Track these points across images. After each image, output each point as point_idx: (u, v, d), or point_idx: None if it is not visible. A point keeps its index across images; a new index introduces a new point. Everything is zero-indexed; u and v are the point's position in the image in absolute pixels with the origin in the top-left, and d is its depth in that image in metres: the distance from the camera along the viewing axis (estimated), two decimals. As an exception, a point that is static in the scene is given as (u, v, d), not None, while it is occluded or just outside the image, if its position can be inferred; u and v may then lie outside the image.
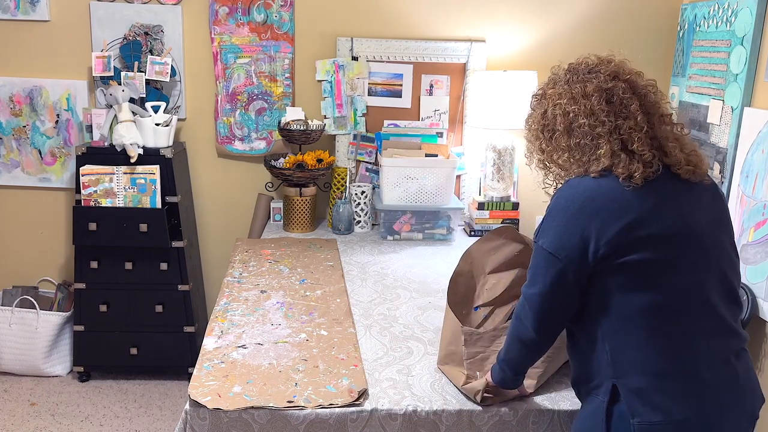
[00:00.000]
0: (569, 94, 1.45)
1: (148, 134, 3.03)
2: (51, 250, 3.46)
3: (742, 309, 1.49)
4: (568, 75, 1.51)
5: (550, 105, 1.48)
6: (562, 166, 1.47)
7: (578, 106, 1.43)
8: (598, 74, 1.47)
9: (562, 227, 1.40)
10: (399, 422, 1.62)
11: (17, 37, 3.21)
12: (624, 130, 1.41)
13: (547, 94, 1.51)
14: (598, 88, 1.44)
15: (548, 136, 1.49)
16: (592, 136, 1.42)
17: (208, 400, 1.60)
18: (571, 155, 1.44)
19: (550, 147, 1.49)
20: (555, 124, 1.47)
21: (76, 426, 2.92)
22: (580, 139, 1.43)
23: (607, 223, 1.35)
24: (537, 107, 1.55)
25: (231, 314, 2.12)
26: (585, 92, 1.44)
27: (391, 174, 2.98)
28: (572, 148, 1.44)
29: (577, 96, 1.44)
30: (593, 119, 1.41)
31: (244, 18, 3.18)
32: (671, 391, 1.33)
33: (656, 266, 1.34)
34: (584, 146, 1.43)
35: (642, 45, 3.27)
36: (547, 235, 1.42)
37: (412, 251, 2.89)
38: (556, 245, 1.39)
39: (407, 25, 3.23)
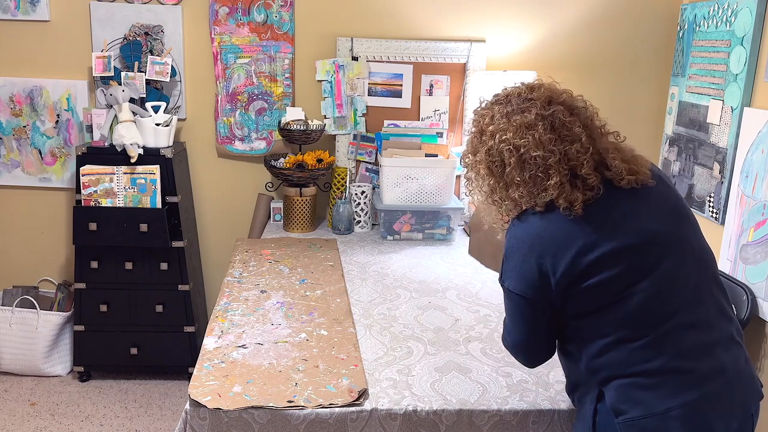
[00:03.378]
0: (512, 127, 1.42)
1: (149, 134, 3.04)
2: (51, 250, 3.46)
3: (726, 293, 1.48)
4: (502, 107, 1.47)
5: (496, 141, 1.44)
6: (515, 200, 1.45)
7: (526, 138, 1.40)
8: (533, 102, 1.44)
9: (519, 267, 1.43)
10: (399, 422, 1.62)
11: (17, 37, 3.21)
12: (572, 155, 1.40)
13: (487, 131, 1.47)
14: (539, 116, 1.41)
15: (499, 172, 1.45)
16: (544, 167, 1.40)
17: (208, 400, 1.60)
18: (525, 188, 1.43)
19: (503, 182, 1.46)
20: (504, 159, 1.43)
21: (76, 426, 2.92)
22: (533, 171, 1.41)
23: (558, 255, 1.38)
24: (479, 146, 1.49)
25: (231, 314, 2.13)
26: (527, 123, 1.41)
27: (391, 174, 2.98)
28: (526, 182, 1.42)
29: (521, 128, 1.41)
30: (544, 150, 1.39)
31: (244, 18, 3.19)
32: (650, 386, 1.35)
33: (617, 282, 1.36)
34: (536, 177, 1.41)
35: (642, 45, 3.27)
36: (509, 277, 1.46)
37: (412, 251, 2.89)
38: (520, 285, 1.43)
39: (407, 25, 3.23)
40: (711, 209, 2.81)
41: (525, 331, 1.49)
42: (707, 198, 2.84)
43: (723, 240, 2.70)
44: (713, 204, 2.80)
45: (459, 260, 2.79)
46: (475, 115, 1.54)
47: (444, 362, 1.88)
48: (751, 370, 1.44)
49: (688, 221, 1.47)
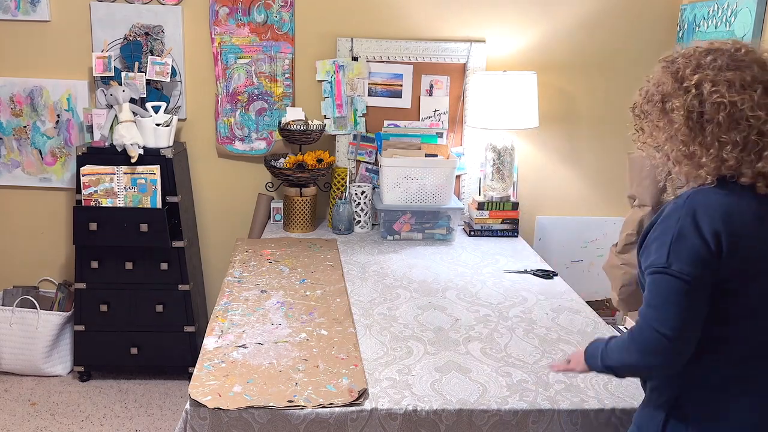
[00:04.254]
0: (724, 80, 1.27)
1: (149, 134, 3.04)
2: (51, 250, 3.46)
3: None
4: (709, 57, 1.31)
5: (703, 91, 1.28)
6: (715, 160, 1.30)
7: (742, 97, 1.26)
8: (747, 63, 1.30)
9: (691, 245, 1.28)
10: (399, 422, 1.63)
11: (17, 37, 3.21)
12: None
13: (689, 77, 1.30)
14: (756, 80, 1.28)
15: (698, 127, 1.30)
16: (759, 131, 1.27)
17: (208, 400, 1.60)
18: (733, 150, 1.28)
19: (699, 138, 1.30)
20: (711, 113, 1.28)
21: (77, 426, 2.92)
22: (746, 132, 1.27)
23: (741, 233, 1.28)
24: (676, 93, 1.33)
25: (231, 314, 2.13)
26: (745, 81, 1.27)
27: (391, 174, 2.98)
28: (735, 143, 1.28)
29: (734, 84, 1.27)
30: (764, 112, 1.26)
31: (244, 18, 3.19)
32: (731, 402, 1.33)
33: (745, 272, 1.30)
34: (748, 142, 1.27)
35: (642, 45, 3.27)
36: (679, 258, 1.29)
37: (412, 251, 2.89)
38: (693, 267, 1.28)
39: (407, 26, 3.23)
40: (711, 209, 2.81)
41: (686, 322, 1.29)
42: (707, 198, 2.84)
43: (723, 240, 2.70)
44: (713, 204, 2.79)
45: (459, 260, 2.79)
46: (670, 62, 1.37)
47: (444, 362, 1.88)
48: None
49: None
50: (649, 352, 1.32)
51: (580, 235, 3.44)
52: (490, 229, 3.15)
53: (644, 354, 1.32)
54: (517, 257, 2.85)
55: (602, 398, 1.70)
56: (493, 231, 3.15)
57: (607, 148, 3.37)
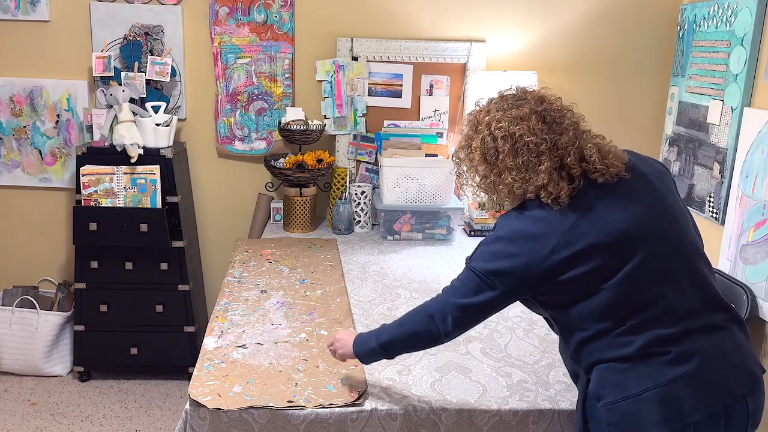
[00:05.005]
0: (507, 117, 1.51)
1: (149, 134, 3.04)
2: (51, 250, 3.46)
3: (714, 277, 1.53)
4: (497, 104, 1.57)
5: (492, 129, 1.52)
6: (509, 184, 1.52)
7: (520, 126, 1.49)
8: (527, 100, 1.54)
9: (495, 255, 1.50)
10: (399, 422, 1.63)
11: (17, 37, 3.21)
12: (561, 144, 1.49)
13: (483, 121, 1.56)
14: (532, 110, 1.51)
15: (493, 160, 1.53)
16: (537, 153, 1.49)
17: (208, 400, 1.60)
18: (518, 173, 1.50)
19: (497, 169, 1.53)
20: (498, 147, 1.51)
21: (77, 426, 2.92)
22: (526, 156, 1.49)
23: (536, 251, 1.44)
24: (474, 136, 1.58)
25: (231, 314, 2.13)
26: (521, 115, 1.51)
27: (391, 174, 2.98)
28: (519, 167, 1.50)
29: (515, 118, 1.50)
30: (536, 137, 1.48)
31: (244, 18, 3.19)
32: (625, 369, 1.40)
33: (590, 278, 1.42)
34: (528, 163, 1.49)
35: (642, 45, 3.27)
36: (480, 259, 1.54)
37: (412, 251, 2.89)
38: (488, 271, 1.50)
39: (407, 25, 3.23)
40: (711, 209, 2.81)
41: (469, 305, 1.54)
42: (707, 198, 2.84)
43: (723, 240, 2.70)
44: (713, 204, 2.80)
45: (459, 260, 2.79)
46: (470, 115, 1.63)
47: (444, 362, 1.88)
48: (742, 354, 1.46)
49: (670, 213, 1.51)
50: (427, 325, 1.60)
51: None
52: (490, 229, 3.14)
53: (424, 325, 1.61)
54: (517, 257, 2.85)
55: (602, 398, 1.70)
56: (493, 231, 3.15)
57: (607, 148, 3.37)
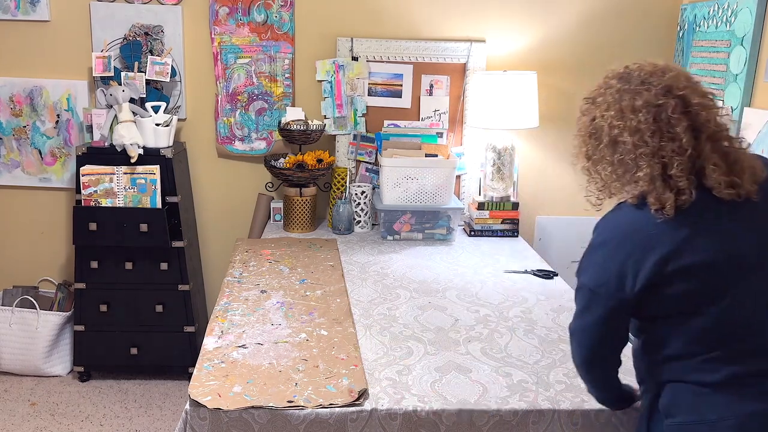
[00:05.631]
0: (617, 106, 1.39)
1: (149, 134, 3.04)
2: (51, 250, 3.46)
3: None
4: (620, 83, 1.42)
5: (599, 113, 1.43)
6: (604, 179, 1.44)
7: (624, 122, 1.37)
8: (650, 87, 1.38)
9: (600, 264, 1.42)
10: (399, 422, 1.63)
11: (17, 37, 3.21)
12: (666, 152, 1.35)
13: (596, 101, 1.45)
14: (647, 104, 1.37)
15: (595, 145, 1.45)
16: (634, 155, 1.37)
17: (208, 400, 1.60)
18: (614, 170, 1.41)
19: (596, 156, 1.45)
20: (601, 135, 1.42)
21: (76, 426, 2.92)
22: (623, 155, 1.39)
23: (643, 258, 1.36)
24: (587, 112, 1.48)
25: (231, 314, 2.13)
26: (634, 106, 1.37)
27: (391, 174, 2.98)
28: (615, 164, 1.41)
29: (625, 110, 1.38)
30: (638, 138, 1.36)
31: (244, 18, 3.19)
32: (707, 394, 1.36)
33: (691, 297, 1.35)
34: (626, 164, 1.39)
35: (642, 45, 3.27)
36: (587, 272, 1.45)
37: (412, 251, 2.89)
38: (596, 282, 1.42)
39: (407, 25, 3.23)
40: (711, 209, 2.81)
41: (596, 334, 1.46)
42: (707, 198, 2.84)
43: (723, 240, 2.70)
44: (713, 204, 2.79)
45: (459, 260, 2.79)
46: (604, 79, 1.48)
47: (444, 362, 1.88)
48: None
49: None
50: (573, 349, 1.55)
51: (580, 235, 3.43)
52: (490, 229, 3.15)
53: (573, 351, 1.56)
54: (518, 257, 2.85)
55: (602, 398, 1.70)
56: (493, 231, 3.15)
57: (607, 148, 3.37)
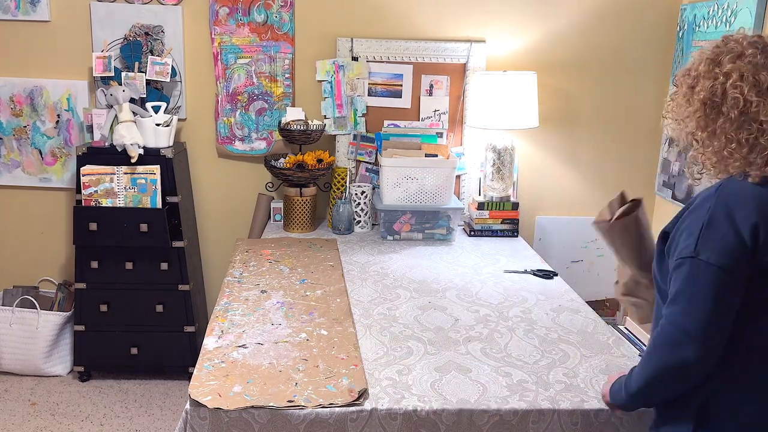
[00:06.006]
0: (753, 78, 1.23)
1: (149, 134, 3.04)
2: (51, 250, 3.46)
3: None
4: (755, 52, 1.25)
5: (729, 82, 1.25)
6: (721, 155, 1.27)
7: (763, 99, 1.22)
8: None
9: (725, 235, 1.23)
10: (399, 422, 1.63)
11: (17, 37, 3.21)
12: None
13: (725, 64, 1.26)
14: None
15: (712, 115, 1.27)
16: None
17: (208, 400, 1.60)
18: (737, 149, 1.25)
19: (710, 128, 1.27)
20: (727, 107, 1.25)
21: (77, 426, 2.92)
22: (753, 134, 1.23)
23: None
24: (706, 75, 1.28)
25: (231, 314, 2.13)
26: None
27: (391, 174, 2.98)
28: (741, 143, 1.25)
29: (762, 86, 1.22)
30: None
31: (244, 18, 3.19)
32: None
33: None
34: (755, 146, 1.24)
35: (642, 45, 3.27)
36: (710, 248, 1.24)
37: (412, 251, 2.89)
38: (725, 257, 1.22)
39: (407, 26, 3.23)
40: (711, 209, 2.81)
41: (714, 313, 1.23)
42: (707, 198, 2.84)
43: (723, 240, 2.70)
44: (713, 204, 2.79)
45: (459, 260, 2.79)
46: (724, 40, 1.31)
47: (444, 362, 1.88)
48: None
49: None
50: (673, 354, 1.23)
51: (580, 235, 3.44)
52: (490, 229, 3.15)
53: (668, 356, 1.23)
54: (517, 257, 2.85)
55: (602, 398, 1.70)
56: (493, 231, 3.15)
57: (607, 148, 3.38)
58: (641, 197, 1.74)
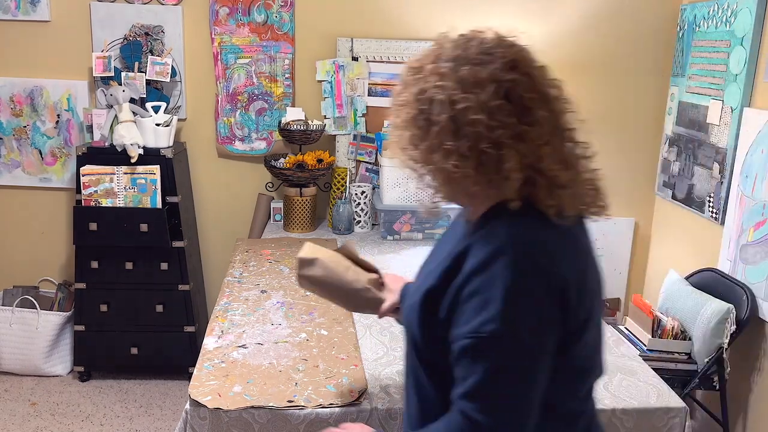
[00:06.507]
0: (455, 76, 1.03)
1: (149, 134, 3.04)
2: (51, 250, 3.46)
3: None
4: (455, 48, 1.07)
5: (430, 84, 1.05)
6: (443, 172, 1.06)
7: (468, 95, 1.01)
8: (494, 58, 1.04)
9: (538, 309, 1.01)
10: (399, 422, 1.63)
11: (18, 37, 3.21)
12: (532, 137, 1.03)
13: (425, 69, 1.07)
14: (493, 78, 1.02)
15: (424, 128, 1.05)
16: (490, 141, 1.01)
17: (208, 400, 1.60)
18: (466, 163, 1.03)
19: (427, 143, 1.05)
20: (434, 114, 1.04)
21: (77, 426, 2.92)
22: (473, 142, 1.02)
23: (579, 278, 1.06)
24: (412, 84, 1.08)
25: (231, 314, 2.13)
26: (476, 79, 1.02)
27: (391, 174, 2.98)
28: (465, 156, 1.03)
29: (466, 81, 1.02)
30: (490, 118, 1.01)
31: (244, 18, 3.19)
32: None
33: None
34: (481, 155, 1.02)
35: (642, 45, 3.27)
36: (521, 328, 1.00)
37: (412, 251, 2.89)
38: (542, 336, 1.01)
39: (407, 26, 3.23)
40: (711, 209, 2.81)
41: (529, 400, 1.02)
42: (707, 198, 2.85)
43: (723, 240, 2.70)
44: (713, 204, 2.80)
45: (459, 260, 2.79)
46: (425, 50, 1.14)
47: (444, 362, 1.88)
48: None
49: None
50: None
51: (580, 235, 3.43)
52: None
53: None
54: (517, 257, 2.85)
55: (602, 398, 1.70)
56: (493, 231, 3.15)
57: (607, 148, 3.36)
58: (315, 257, 1.54)
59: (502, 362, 0.99)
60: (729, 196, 2.68)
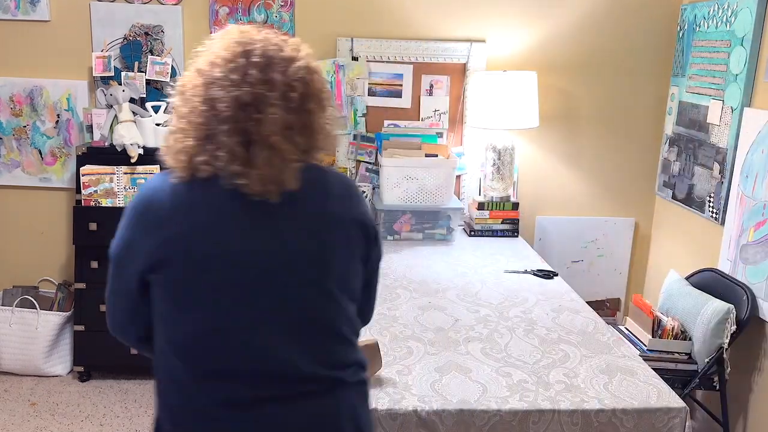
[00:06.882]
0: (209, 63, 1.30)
1: (149, 134, 3.04)
2: (51, 250, 3.46)
3: (325, 347, 1.24)
4: (221, 39, 1.32)
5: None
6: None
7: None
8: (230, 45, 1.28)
9: (121, 232, 1.26)
10: (399, 422, 1.62)
11: (17, 37, 3.21)
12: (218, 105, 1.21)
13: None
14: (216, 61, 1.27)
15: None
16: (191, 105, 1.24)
17: (208, 400, 1.60)
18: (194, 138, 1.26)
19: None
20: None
21: (77, 426, 2.92)
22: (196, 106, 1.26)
23: (150, 232, 1.21)
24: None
25: (231, 314, 2.12)
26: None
27: (391, 174, 2.98)
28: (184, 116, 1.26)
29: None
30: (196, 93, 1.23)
31: (244, 18, 3.19)
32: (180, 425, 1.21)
33: (178, 292, 1.18)
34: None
35: (642, 45, 3.27)
36: (115, 237, 1.27)
37: (412, 251, 2.89)
38: (115, 250, 1.26)
39: (407, 26, 3.23)
40: (711, 209, 2.81)
41: (110, 290, 1.33)
42: (707, 198, 2.85)
43: (723, 240, 2.70)
44: (713, 204, 2.80)
45: (459, 260, 2.79)
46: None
47: (444, 362, 1.88)
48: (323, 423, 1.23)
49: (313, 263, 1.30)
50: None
51: (580, 235, 3.44)
52: (491, 229, 3.15)
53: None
54: (518, 257, 2.85)
55: (602, 398, 1.70)
56: (493, 231, 3.15)
57: (607, 148, 3.37)
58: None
59: None
60: (729, 196, 2.68)
